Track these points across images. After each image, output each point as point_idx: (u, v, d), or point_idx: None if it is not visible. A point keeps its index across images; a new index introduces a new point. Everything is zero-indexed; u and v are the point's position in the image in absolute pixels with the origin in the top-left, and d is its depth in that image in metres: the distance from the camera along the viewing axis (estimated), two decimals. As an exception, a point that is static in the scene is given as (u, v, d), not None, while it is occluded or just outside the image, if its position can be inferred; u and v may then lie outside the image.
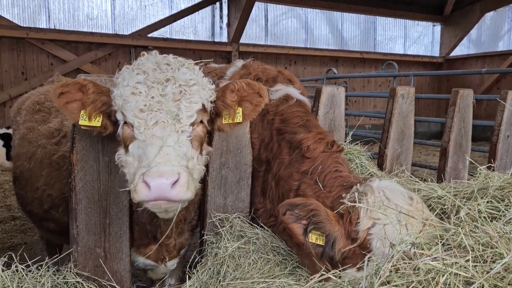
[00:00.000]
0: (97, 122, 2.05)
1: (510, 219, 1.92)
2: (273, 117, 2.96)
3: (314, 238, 2.16)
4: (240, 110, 2.25)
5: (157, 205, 1.80)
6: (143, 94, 1.91)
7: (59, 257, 2.49)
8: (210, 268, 2.54)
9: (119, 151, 2.04)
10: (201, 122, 2.08)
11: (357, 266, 2.04)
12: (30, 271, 2.20)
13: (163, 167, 1.74)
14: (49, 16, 11.06)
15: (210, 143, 2.43)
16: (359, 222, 2.11)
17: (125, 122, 1.97)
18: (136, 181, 1.77)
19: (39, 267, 2.24)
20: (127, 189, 1.89)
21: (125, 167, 1.98)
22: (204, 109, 2.05)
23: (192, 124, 1.98)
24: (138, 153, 1.88)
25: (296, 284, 2.21)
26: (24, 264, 2.22)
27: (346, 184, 2.41)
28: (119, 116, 1.99)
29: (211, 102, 2.12)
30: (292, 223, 2.19)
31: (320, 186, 2.44)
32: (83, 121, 2.02)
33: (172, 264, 2.69)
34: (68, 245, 2.42)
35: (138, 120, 1.89)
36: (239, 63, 3.69)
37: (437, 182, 3.40)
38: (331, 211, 2.24)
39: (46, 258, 2.33)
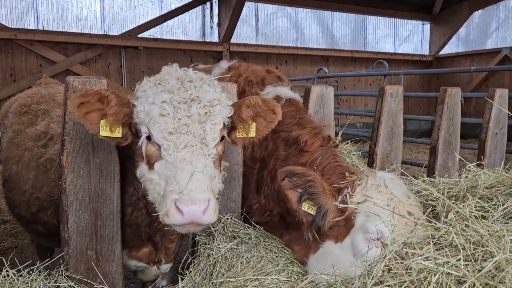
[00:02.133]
0: (118, 133, 2.06)
1: (498, 217, 1.94)
2: None
3: (306, 207, 2.29)
4: (254, 125, 2.30)
5: (187, 228, 1.91)
6: (170, 116, 1.93)
7: (50, 261, 2.47)
8: (203, 269, 2.54)
9: (141, 167, 2.06)
10: (221, 139, 2.13)
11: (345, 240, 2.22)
12: (21, 275, 2.17)
13: (195, 194, 1.83)
14: (37, 17, 10.95)
15: None
16: (353, 197, 2.24)
17: (148, 138, 2.00)
18: (169, 206, 1.84)
19: (30, 271, 2.22)
20: (158, 214, 1.94)
21: (150, 184, 2.01)
22: (224, 126, 2.10)
23: (216, 145, 2.05)
24: (166, 174, 1.93)
25: (287, 280, 2.25)
26: (15, 269, 2.20)
27: (346, 172, 2.48)
28: (143, 129, 2.00)
29: (229, 118, 2.16)
30: (289, 190, 2.32)
31: (319, 174, 2.47)
32: (104, 132, 2.02)
33: (167, 268, 2.69)
34: (59, 248, 2.40)
35: (167, 142, 1.92)
36: (224, 64, 3.70)
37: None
38: (327, 185, 2.36)
39: (38, 262, 2.31)
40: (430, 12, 16.56)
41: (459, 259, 1.52)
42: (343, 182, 2.38)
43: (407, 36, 17.20)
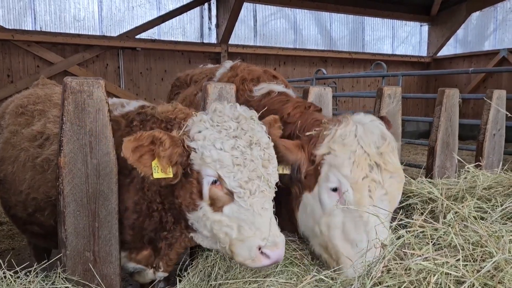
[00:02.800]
0: (169, 173, 2.08)
1: (497, 218, 1.94)
2: (256, 109, 3.04)
3: (281, 169, 2.36)
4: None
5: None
6: (242, 164, 2.00)
7: (47, 263, 2.46)
8: (201, 271, 2.53)
9: (204, 207, 2.11)
10: None
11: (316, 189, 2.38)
12: (18, 277, 2.16)
13: (277, 239, 2.00)
14: (35, 18, 10.92)
15: None
16: (320, 147, 2.36)
17: (214, 181, 2.05)
18: (254, 253, 1.98)
19: (28, 273, 2.20)
20: (236, 256, 2.07)
21: (217, 226, 2.08)
22: None
23: None
24: (240, 218, 2.02)
25: (286, 282, 2.24)
26: (12, 270, 2.19)
27: (322, 120, 2.59)
28: (209, 173, 2.05)
29: None
30: None
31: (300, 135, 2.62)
32: (157, 174, 2.05)
33: (162, 276, 2.68)
34: (55, 249, 2.39)
35: (242, 190, 2.00)
36: (227, 64, 3.80)
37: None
38: (290, 141, 2.51)
39: (35, 264, 2.29)
40: (428, 13, 16.60)
41: (458, 260, 1.52)
42: (316, 129, 2.48)
43: (405, 38, 17.23)
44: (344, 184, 2.22)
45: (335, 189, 2.29)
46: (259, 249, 1.97)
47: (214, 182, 2.05)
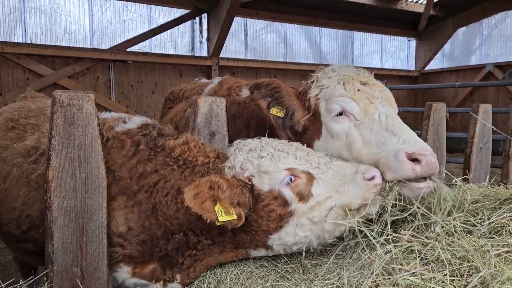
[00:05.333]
0: (233, 214, 2.12)
1: (484, 232, 1.96)
2: (244, 105, 3.28)
3: (275, 111, 2.61)
4: None
5: None
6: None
7: (34, 279, 2.41)
8: (192, 286, 2.50)
9: (296, 209, 2.18)
10: None
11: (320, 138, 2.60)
12: (3, 293, 2.13)
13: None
14: (25, 30, 10.89)
15: None
16: (310, 92, 2.61)
17: (288, 182, 2.18)
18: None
19: (13, 289, 2.17)
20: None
21: (321, 205, 2.17)
22: None
23: None
24: (329, 180, 2.20)
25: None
26: (-3, 286, 2.15)
27: (302, 81, 2.89)
28: (278, 177, 2.17)
29: None
30: (259, 100, 2.67)
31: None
32: (222, 217, 2.08)
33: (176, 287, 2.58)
34: (44, 266, 2.35)
35: (314, 163, 2.26)
36: (216, 80, 3.91)
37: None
38: (291, 89, 2.75)
39: (21, 280, 2.26)
40: (416, 28, 16.88)
41: (445, 275, 1.53)
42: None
43: (394, 52, 17.48)
44: (344, 101, 2.40)
45: (340, 114, 2.46)
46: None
47: (289, 182, 2.14)
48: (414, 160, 2.10)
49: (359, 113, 2.39)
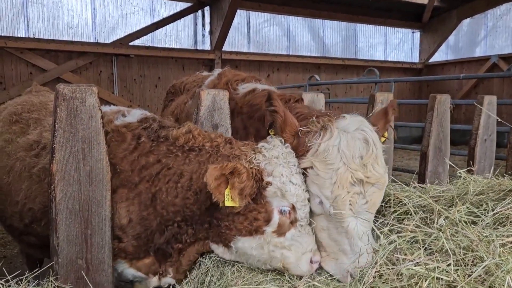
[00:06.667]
0: (237, 202, 2.17)
1: (488, 223, 1.95)
2: (241, 106, 3.21)
3: (272, 133, 2.59)
4: None
5: None
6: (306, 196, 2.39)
7: (39, 271, 2.43)
8: (194, 278, 2.51)
9: (267, 232, 2.24)
10: None
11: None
12: (9, 286, 2.14)
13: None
14: (28, 25, 10.90)
15: None
16: (303, 161, 2.36)
17: (283, 211, 2.25)
18: (308, 265, 2.29)
19: (19, 282, 2.18)
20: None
21: (279, 249, 2.26)
22: None
23: None
24: (296, 239, 2.32)
25: (278, 288, 2.24)
26: (4, 279, 2.17)
27: (311, 118, 2.52)
28: (283, 203, 2.24)
29: None
30: (266, 109, 2.60)
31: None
32: (227, 202, 2.14)
33: (170, 282, 2.63)
34: (49, 259, 2.37)
35: (306, 218, 2.33)
36: (216, 71, 3.92)
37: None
38: (290, 124, 2.52)
39: (26, 272, 2.27)
40: (420, 20, 16.76)
41: (450, 264, 1.53)
42: (305, 127, 2.44)
43: (398, 44, 17.38)
44: (325, 203, 2.27)
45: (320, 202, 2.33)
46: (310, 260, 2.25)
47: (283, 212, 2.23)
48: None
49: (332, 215, 2.27)
